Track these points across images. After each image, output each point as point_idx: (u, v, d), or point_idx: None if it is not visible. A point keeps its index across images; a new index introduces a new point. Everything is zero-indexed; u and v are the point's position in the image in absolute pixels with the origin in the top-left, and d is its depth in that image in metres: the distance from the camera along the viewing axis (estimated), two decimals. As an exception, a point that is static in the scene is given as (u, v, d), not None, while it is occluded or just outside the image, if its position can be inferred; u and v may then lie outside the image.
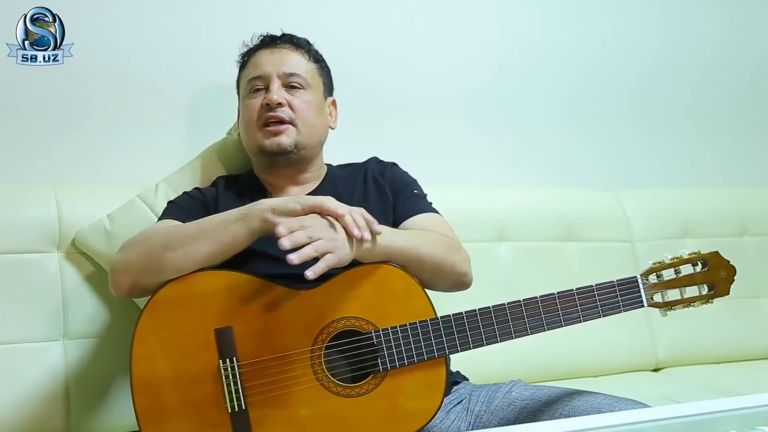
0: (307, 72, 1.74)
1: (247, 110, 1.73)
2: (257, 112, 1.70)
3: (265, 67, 1.72)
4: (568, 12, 2.46)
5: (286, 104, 1.69)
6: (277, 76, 1.71)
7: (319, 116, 1.74)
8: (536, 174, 2.40)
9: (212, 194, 1.72)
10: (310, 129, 1.71)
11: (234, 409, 1.43)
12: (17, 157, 1.91)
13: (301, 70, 1.73)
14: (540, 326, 1.50)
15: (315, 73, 1.76)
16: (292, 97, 1.70)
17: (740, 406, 1.23)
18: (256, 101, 1.71)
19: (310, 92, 1.73)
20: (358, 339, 1.46)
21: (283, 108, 1.69)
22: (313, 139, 1.73)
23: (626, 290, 1.53)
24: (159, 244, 1.49)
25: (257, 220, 1.46)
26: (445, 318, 1.48)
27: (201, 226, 1.50)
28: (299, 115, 1.70)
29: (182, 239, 1.48)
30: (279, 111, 1.68)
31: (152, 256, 1.48)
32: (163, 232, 1.53)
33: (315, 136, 1.73)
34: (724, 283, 1.58)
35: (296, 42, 1.77)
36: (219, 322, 1.45)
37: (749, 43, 2.67)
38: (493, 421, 1.56)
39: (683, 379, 2.20)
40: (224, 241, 1.47)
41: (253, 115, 1.71)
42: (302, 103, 1.71)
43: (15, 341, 1.72)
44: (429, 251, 1.54)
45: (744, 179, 2.62)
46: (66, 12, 1.82)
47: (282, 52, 1.74)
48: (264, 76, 1.71)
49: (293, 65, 1.73)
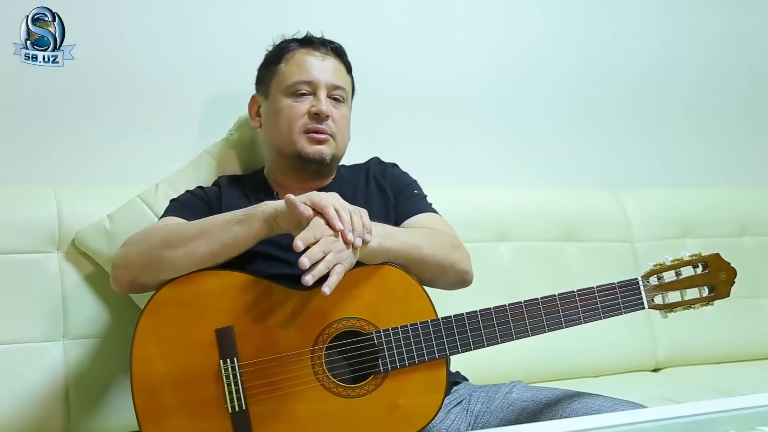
0: (348, 86, 1.76)
1: (291, 111, 1.70)
2: (302, 118, 1.68)
3: (315, 73, 1.70)
4: (568, 12, 2.46)
5: (331, 117, 1.69)
6: (325, 86, 1.70)
7: (348, 130, 1.76)
8: (536, 174, 2.40)
9: (215, 193, 1.72)
10: (344, 143, 1.74)
11: (234, 410, 1.43)
12: (17, 157, 1.91)
13: (345, 83, 1.74)
14: (541, 328, 1.50)
15: (350, 86, 1.78)
16: (335, 110, 1.71)
17: (740, 406, 1.23)
18: (302, 105, 1.69)
19: (346, 106, 1.75)
20: (359, 340, 1.46)
21: (328, 121, 1.68)
22: (343, 152, 1.75)
23: (627, 292, 1.53)
24: (159, 242, 1.49)
25: (260, 222, 1.46)
26: (446, 319, 1.48)
27: (202, 226, 1.49)
28: (338, 129, 1.70)
29: (183, 238, 1.48)
30: (325, 123, 1.68)
31: (152, 253, 1.48)
32: (165, 230, 1.53)
33: (344, 149, 1.76)
34: (725, 285, 1.58)
35: (340, 52, 1.77)
36: (220, 322, 1.45)
37: (749, 43, 2.67)
38: (493, 422, 1.56)
39: (683, 379, 2.20)
40: (225, 242, 1.47)
41: (297, 118, 1.69)
42: (342, 118, 1.72)
43: (15, 341, 1.72)
44: (431, 250, 1.54)
45: (744, 179, 2.63)
46: (66, 12, 1.82)
47: (330, 62, 1.73)
48: (313, 82, 1.70)
49: (340, 78, 1.73)
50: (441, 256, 1.55)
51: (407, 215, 1.68)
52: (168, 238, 1.49)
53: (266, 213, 1.46)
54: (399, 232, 1.55)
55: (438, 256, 1.55)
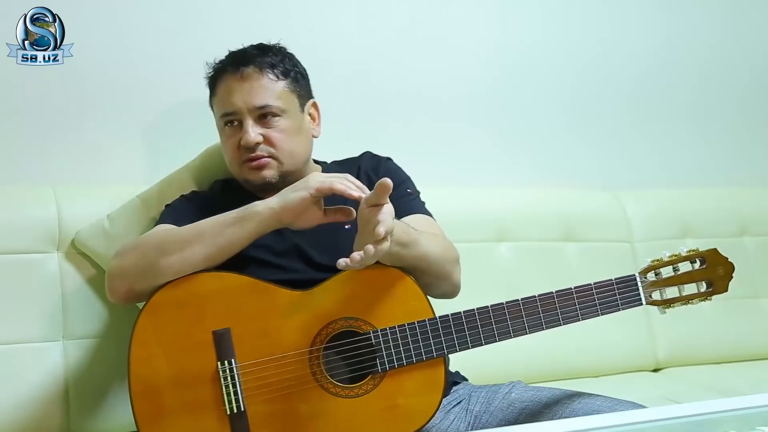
0: (279, 97, 1.64)
1: (227, 147, 1.67)
2: (237, 151, 1.65)
3: (235, 101, 1.63)
4: (568, 12, 2.46)
5: (262, 141, 1.62)
6: (248, 112, 1.62)
7: (299, 138, 1.67)
8: (536, 174, 2.39)
9: (208, 198, 1.71)
10: (292, 156, 1.65)
11: (233, 411, 1.43)
12: (17, 157, 1.91)
13: (272, 99, 1.63)
14: (539, 325, 1.50)
15: (287, 92, 1.66)
16: (269, 129, 1.63)
17: (740, 406, 1.23)
18: (234, 140, 1.65)
19: (285, 117, 1.65)
20: (357, 339, 1.46)
21: (261, 146, 1.63)
22: (298, 163, 1.68)
23: (625, 288, 1.52)
24: (154, 249, 1.48)
25: (254, 223, 1.46)
26: (444, 318, 1.48)
27: (196, 230, 1.49)
28: (279, 147, 1.63)
29: (177, 243, 1.47)
30: (257, 150, 1.62)
31: (147, 260, 1.48)
32: (158, 236, 1.52)
33: (299, 160, 1.68)
34: (723, 280, 1.57)
35: (259, 63, 1.65)
36: (217, 324, 1.45)
37: (749, 43, 2.66)
38: (493, 422, 1.56)
39: (683, 379, 2.20)
40: (220, 244, 1.47)
41: (233, 152, 1.66)
42: (279, 134, 1.64)
43: (15, 341, 1.72)
44: (438, 262, 1.53)
45: (744, 179, 2.62)
46: (66, 12, 1.82)
47: (249, 82, 1.63)
48: (235, 112, 1.63)
49: (262, 96, 1.63)
50: (445, 270, 1.55)
51: (399, 215, 1.66)
52: (162, 243, 1.49)
53: (261, 214, 1.46)
54: (418, 242, 1.50)
55: (443, 268, 1.55)
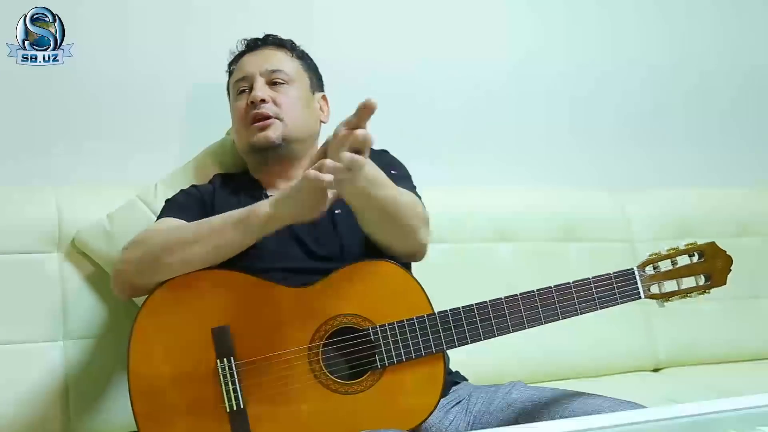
0: (292, 68, 1.75)
1: (235, 111, 1.75)
2: (243, 111, 1.72)
3: (247, 68, 1.74)
4: (569, 15, 2.46)
5: (270, 101, 1.69)
6: (260, 74, 1.72)
7: (306, 110, 1.75)
8: (536, 174, 2.39)
9: (209, 191, 1.72)
10: (297, 122, 1.71)
11: (232, 408, 1.42)
12: (17, 157, 1.91)
13: (285, 66, 1.74)
14: (537, 320, 1.49)
15: (299, 68, 1.77)
16: (277, 93, 1.71)
17: (740, 406, 1.22)
18: (242, 102, 1.73)
19: (295, 87, 1.74)
20: (356, 336, 1.46)
21: (267, 104, 1.69)
22: (302, 132, 1.73)
23: (623, 282, 1.52)
24: (157, 247, 1.49)
25: (256, 227, 1.46)
26: (443, 313, 1.48)
27: (199, 231, 1.50)
28: (285, 110, 1.70)
29: (180, 243, 1.48)
30: (263, 108, 1.69)
31: (151, 258, 1.49)
32: (162, 235, 1.53)
33: (304, 130, 1.73)
34: (721, 273, 1.57)
35: (279, 42, 1.79)
36: (216, 321, 1.45)
37: (748, 44, 2.67)
38: (493, 422, 1.55)
39: (683, 379, 2.19)
40: (221, 246, 1.48)
41: (240, 114, 1.73)
42: (287, 98, 1.71)
43: (15, 341, 1.72)
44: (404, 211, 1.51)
45: (743, 179, 2.62)
46: (66, 12, 1.82)
47: (264, 52, 1.76)
48: (248, 76, 1.73)
49: (276, 62, 1.74)
50: (412, 224, 1.53)
51: None
52: (165, 242, 1.49)
53: (261, 218, 1.46)
54: (388, 184, 1.50)
55: (410, 221, 1.52)
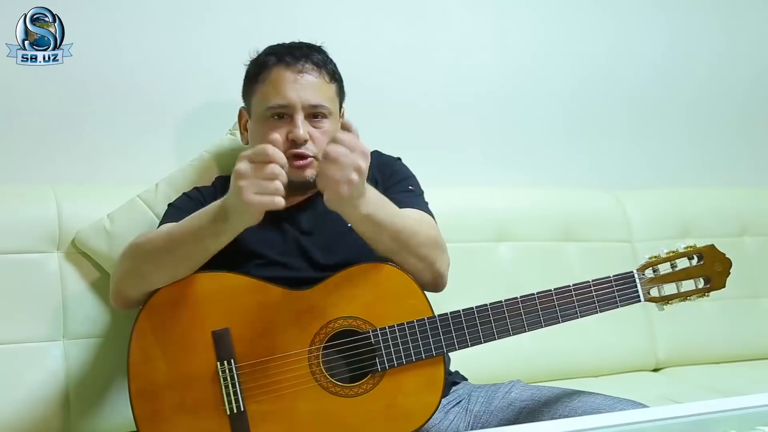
0: (330, 99, 1.65)
1: (267, 138, 1.56)
2: (281, 143, 1.54)
3: (289, 95, 1.60)
4: (569, 14, 2.46)
5: (310, 139, 1.61)
6: (302, 108, 1.61)
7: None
8: (536, 174, 2.39)
9: (211, 194, 1.70)
10: None
11: (233, 411, 1.43)
12: (17, 157, 1.91)
13: (326, 99, 1.64)
14: (538, 323, 1.50)
15: (335, 96, 1.67)
16: (315, 129, 1.62)
17: (740, 406, 1.22)
18: (280, 132, 1.59)
19: (331, 120, 1.64)
20: (356, 339, 1.47)
21: (308, 144, 1.60)
22: None
23: (623, 285, 1.53)
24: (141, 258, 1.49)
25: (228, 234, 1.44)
26: (443, 316, 1.48)
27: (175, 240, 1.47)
28: (320, 148, 1.56)
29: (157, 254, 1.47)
30: (304, 149, 1.60)
31: (137, 270, 1.49)
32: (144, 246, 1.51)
33: None
34: (720, 276, 1.58)
35: (317, 61, 1.65)
36: (216, 324, 1.45)
37: (749, 45, 2.67)
38: (493, 422, 1.56)
39: (683, 379, 2.20)
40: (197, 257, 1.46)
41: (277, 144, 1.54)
42: (323, 135, 1.61)
43: (15, 341, 1.72)
44: (418, 240, 1.50)
45: (744, 179, 2.62)
46: (66, 12, 1.82)
47: (306, 79, 1.62)
48: (290, 105, 1.61)
49: (318, 96, 1.62)
50: (426, 252, 1.52)
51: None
52: (146, 254, 1.49)
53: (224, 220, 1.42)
54: (395, 211, 1.50)
55: (424, 250, 1.51)
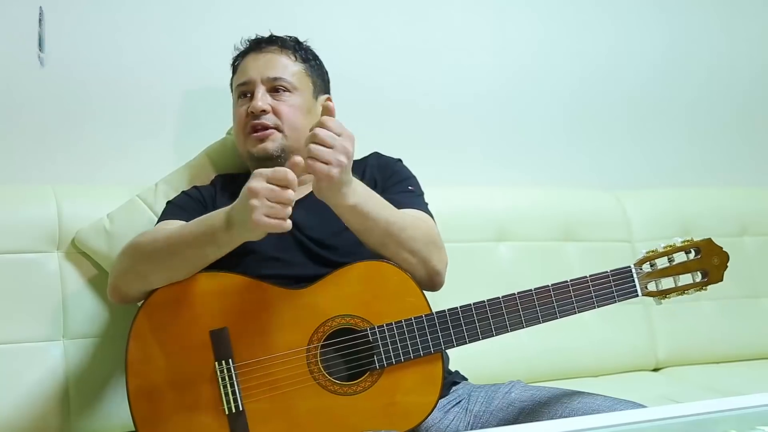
0: (294, 74, 1.70)
1: (236, 117, 1.73)
2: (243, 119, 1.69)
3: (249, 72, 1.70)
4: (569, 14, 2.46)
5: (270, 110, 1.66)
6: (261, 82, 1.68)
7: (307, 118, 1.68)
8: (536, 174, 2.39)
9: (210, 193, 1.72)
10: (298, 133, 1.66)
11: (231, 411, 1.43)
12: (17, 157, 1.91)
13: (287, 73, 1.70)
14: (535, 318, 1.50)
15: (303, 74, 1.72)
16: (278, 102, 1.67)
17: (740, 406, 1.22)
18: (243, 108, 1.70)
19: (297, 95, 1.69)
20: (354, 337, 1.47)
21: (267, 115, 1.66)
22: (302, 142, 1.64)
23: (620, 280, 1.53)
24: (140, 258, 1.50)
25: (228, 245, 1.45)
26: (440, 313, 1.48)
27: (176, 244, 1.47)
28: (285, 120, 1.67)
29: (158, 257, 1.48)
30: (263, 118, 1.66)
31: (136, 269, 1.51)
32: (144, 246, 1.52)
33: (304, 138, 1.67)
34: (718, 270, 1.57)
35: (283, 43, 1.73)
36: (214, 323, 1.45)
37: (748, 45, 2.67)
38: (492, 422, 1.56)
39: (683, 379, 2.19)
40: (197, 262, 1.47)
41: (240, 121, 1.70)
42: (288, 108, 1.67)
43: (15, 341, 1.72)
44: (410, 234, 1.50)
45: (744, 179, 2.62)
46: (64, 12, 1.83)
47: (267, 56, 1.71)
48: (249, 81, 1.69)
49: (278, 69, 1.69)
50: (419, 247, 1.52)
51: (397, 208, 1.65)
52: (146, 254, 1.49)
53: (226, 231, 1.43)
54: (384, 204, 1.50)
55: (416, 245, 1.51)
